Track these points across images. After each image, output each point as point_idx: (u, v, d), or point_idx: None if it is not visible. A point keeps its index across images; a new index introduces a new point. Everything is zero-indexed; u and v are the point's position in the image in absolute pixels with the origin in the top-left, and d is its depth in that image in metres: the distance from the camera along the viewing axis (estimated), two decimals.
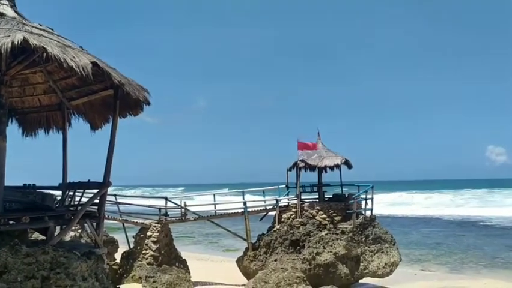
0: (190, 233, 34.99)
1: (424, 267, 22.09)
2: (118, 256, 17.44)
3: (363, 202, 18.16)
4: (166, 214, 17.48)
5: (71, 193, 7.95)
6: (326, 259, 15.76)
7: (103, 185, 6.87)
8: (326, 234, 16.50)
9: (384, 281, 17.39)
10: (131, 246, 17.15)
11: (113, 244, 17.67)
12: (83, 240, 13.57)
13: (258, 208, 19.20)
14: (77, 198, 8.07)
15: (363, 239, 16.75)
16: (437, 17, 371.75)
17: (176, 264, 16.77)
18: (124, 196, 19.29)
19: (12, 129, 8.45)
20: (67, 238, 12.40)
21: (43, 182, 8.03)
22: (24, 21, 6.27)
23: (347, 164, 18.44)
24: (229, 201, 21.17)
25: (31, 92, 8.51)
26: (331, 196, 19.41)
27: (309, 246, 16.32)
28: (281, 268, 14.82)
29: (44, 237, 6.47)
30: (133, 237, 17.25)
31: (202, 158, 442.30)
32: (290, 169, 18.75)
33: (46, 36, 5.95)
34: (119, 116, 7.15)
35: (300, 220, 17.83)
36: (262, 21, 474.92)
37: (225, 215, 18.64)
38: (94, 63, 5.91)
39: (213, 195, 19.83)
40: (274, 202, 18.68)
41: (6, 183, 6.22)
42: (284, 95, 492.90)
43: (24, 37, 5.42)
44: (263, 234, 18.06)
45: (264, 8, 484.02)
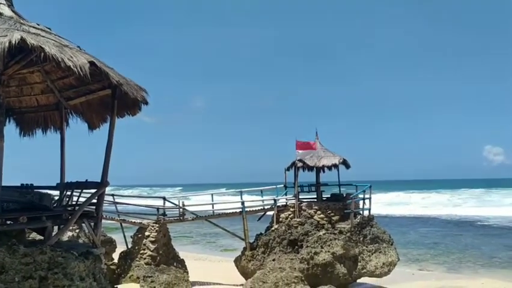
0: (188, 232, 35.02)
1: (422, 267, 22.13)
2: (116, 256, 17.40)
3: (361, 202, 18.22)
4: (164, 214, 17.47)
5: (68, 193, 7.92)
6: (324, 259, 15.77)
7: (101, 184, 6.85)
8: (324, 234, 16.51)
9: (382, 281, 17.42)
10: (129, 246, 17.13)
11: (111, 244, 17.62)
12: (81, 240, 13.53)
13: (256, 208, 19.20)
14: (75, 198, 8.05)
15: (361, 238, 16.78)
16: (437, 17, 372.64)
17: (174, 264, 16.75)
18: (121, 196, 19.24)
19: (10, 129, 8.43)
20: (65, 238, 12.33)
21: (41, 182, 8.00)
22: (21, 21, 6.24)
23: (345, 163, 18.50)
24: (227, 201, 21.16)
25: (29, 92, 8.46)
26: (329, 196, 19.43)
27: (307, 246, 16.32)
28: (279, 268, 14.80)
29: (41, 237, 6.45)
30: (131, 237, 17.23)
31: (202, 158, 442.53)
32: (288, 169, 18.78)
33: (44, 36, 5.93)
34: (117, 116, 7.12)
35: (298, 220, 17.84)
36: (262, 21, 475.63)
37: (223, 215, 18.64)
38: (91, 63, 5.89)
39: (211, 195, 19.83)
40: (272, 202, 18.70)
41: (4, 183, 6.18)
42: (284, 95, 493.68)
43: (21, 37, 5.40)
44: (261, 234, 18.07)
45: (264, 8, 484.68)
